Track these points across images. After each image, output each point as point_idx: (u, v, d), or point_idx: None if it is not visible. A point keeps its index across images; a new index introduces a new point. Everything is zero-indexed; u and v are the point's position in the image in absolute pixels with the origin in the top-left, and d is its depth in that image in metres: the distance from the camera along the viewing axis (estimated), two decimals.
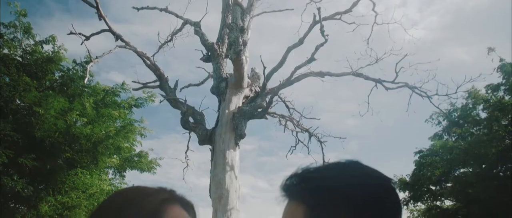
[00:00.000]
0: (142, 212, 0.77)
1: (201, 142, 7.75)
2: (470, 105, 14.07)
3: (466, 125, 14.13)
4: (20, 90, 8.93)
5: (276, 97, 8.73)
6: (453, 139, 14.70)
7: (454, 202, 15.35)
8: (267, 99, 8.24)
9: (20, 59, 9.85)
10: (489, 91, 13.30)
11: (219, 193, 7.04)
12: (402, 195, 16.74)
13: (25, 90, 8.90)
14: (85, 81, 8.04)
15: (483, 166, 13.23)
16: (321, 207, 0.75)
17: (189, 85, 9.67)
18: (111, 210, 0.80)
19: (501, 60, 12.64)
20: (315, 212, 0.75)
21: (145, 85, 8.62)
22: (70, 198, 9.52)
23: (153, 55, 8.78)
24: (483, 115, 13.67)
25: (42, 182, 9.43)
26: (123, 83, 11.07)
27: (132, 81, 8.62)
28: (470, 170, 14.05)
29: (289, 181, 0.81)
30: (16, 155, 8.38)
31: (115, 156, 10.57)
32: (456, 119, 14.48)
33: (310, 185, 0.78)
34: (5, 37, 9.60)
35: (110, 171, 11.41)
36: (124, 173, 11.59)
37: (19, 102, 9.10)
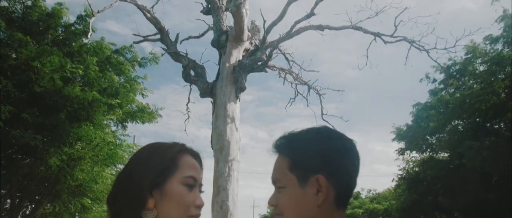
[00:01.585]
0: (163, 160, 1.05)
1: (203, 95, 7.90)
2: (468, 60, 14.02)
3: (463, 78, 14.20)
4: (15, 46, 8.83)
5: (276, 50, 8.79)
6: (450, 91, 14.81)
7: (448, 154, 15.73)
8: (267, 53, 8.31)
9: (19, 14, 9.71)
10: (487, 43, 13.20)
11: (220, 144, 7.28)
12: (398, 145, 17.19)
13: (20, 46, 8.81)
14: (89, 36, 7.98)
15: (478, 119, 13.45)
16: (301, 159, 1.04)
17: (189, 37, 9.65)
18: (140, 160, 1.08)
19: (504, 11, 12.39)
20: (297, 163, 1.04)
21: (145, 39, 8.63)
22: (75, 149, 9.77)
23: (152, 7, 8.72)
24: (481, 69, 13.67)
25: (47, 135, 9.61)
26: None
27: (133, 34, 8.61)
28: (466, 122, 14.28)
29: (279, 141, 1.11)
30: (19, 110, 8.48)
31: (117, 109, 10.66)
32: (454, 73, 14.53)
33: (293, 144, 1.08)
34: None
35: (112, 123, 11.59)
36: (126, 124, 11.81)
37: (15, 57, 9.03)
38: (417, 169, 17.44)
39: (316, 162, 1.02)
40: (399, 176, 18.39)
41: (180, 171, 1.05)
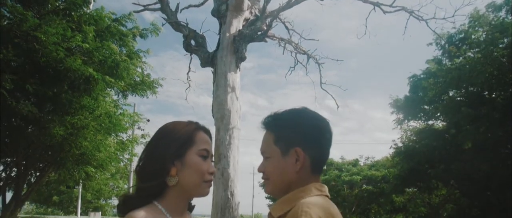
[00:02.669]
0: (182, 136, 1.28)
1: (203, 65, 7.97)
2: (471, 29, 13.88)
3: (464, 46, 14.13)
4: (17, 20, 8.71)
5: (276, 19, 8.78)
6: (449, 61, 14.74)
7: (445, 123, 15.85)
8: (267, 22, 8.32)
9: None
10: (489, 10, 13.07)
11: (221, 113, 7.42)
12: (396, 116, 17.33)
13: (21, 21, 8.68)
14: (90, 6, 7.88)
15: (475, 89, 13.48)
16: (284, 135, 1.28)
17: (189, 6, 9.61)
18: (163, 136, 1.30)
19: None
20: (280, 138, 1.28)
21: (146, 8, 8.60)
22: (78, 119, 9.86)
23: None
24: (483, 37, 13.52)
25: (50, 105, 9.66)
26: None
27: (133, 3, 8.58)
28: (463, 91, 14.32)
29: (266, 119, 1.35)
30: (22, 80, 8.48)
31: (118, 81, 10.61)
32: (457, 42, 14.45)
33: (278, 122, 1.32)
34: None
35: (113, 92, 11.60)
36: (127, 93, 11.83)
37: (17, 28, 8.91)
38: (414, 138, 17.64)
39: (296, 137, 1.26)
40: (396, 146, 18.65)
41: (196, 145, 1.28)
